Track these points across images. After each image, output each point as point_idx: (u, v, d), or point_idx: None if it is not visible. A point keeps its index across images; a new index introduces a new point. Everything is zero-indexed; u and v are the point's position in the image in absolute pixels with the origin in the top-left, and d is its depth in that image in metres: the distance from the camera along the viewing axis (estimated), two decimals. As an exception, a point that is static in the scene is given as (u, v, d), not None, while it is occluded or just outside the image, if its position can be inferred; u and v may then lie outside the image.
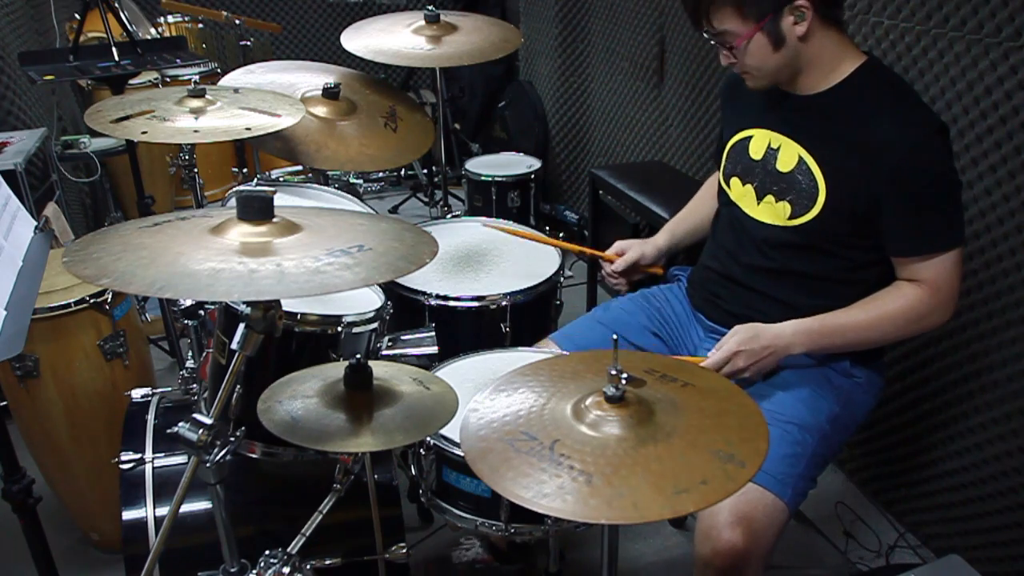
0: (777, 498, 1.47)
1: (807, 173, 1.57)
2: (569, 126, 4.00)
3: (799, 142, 1.59)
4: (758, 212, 1.66)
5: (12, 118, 3.12)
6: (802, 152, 1.58)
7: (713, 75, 2.86)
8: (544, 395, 1.16)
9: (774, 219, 1.63)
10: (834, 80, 1.56)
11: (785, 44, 1.51)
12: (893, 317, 1.54)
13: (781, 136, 1.62)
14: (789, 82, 1.60)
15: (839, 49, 1.55)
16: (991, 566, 1.95)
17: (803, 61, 1.54)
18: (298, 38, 4.98)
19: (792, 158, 1.59)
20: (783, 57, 1.53)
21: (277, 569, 1.45)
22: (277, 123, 1.79)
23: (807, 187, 1.57)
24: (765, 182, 1.64)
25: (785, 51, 1.52)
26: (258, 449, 1.60)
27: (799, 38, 1.51)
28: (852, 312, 1.56)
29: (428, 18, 2.45)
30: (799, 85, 1.59)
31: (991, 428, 1.92)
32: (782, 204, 1.61)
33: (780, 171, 1.61)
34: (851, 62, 1.55)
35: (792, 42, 1.51)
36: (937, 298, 1.52)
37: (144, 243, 1.17)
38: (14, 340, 1.24)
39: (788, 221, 1.60)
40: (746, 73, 1.59)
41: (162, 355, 2.91)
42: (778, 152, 1.62)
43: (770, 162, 1.63)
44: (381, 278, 1.17)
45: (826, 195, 1.55)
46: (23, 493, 1.46)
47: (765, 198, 1.64)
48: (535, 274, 2.05)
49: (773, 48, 1.52)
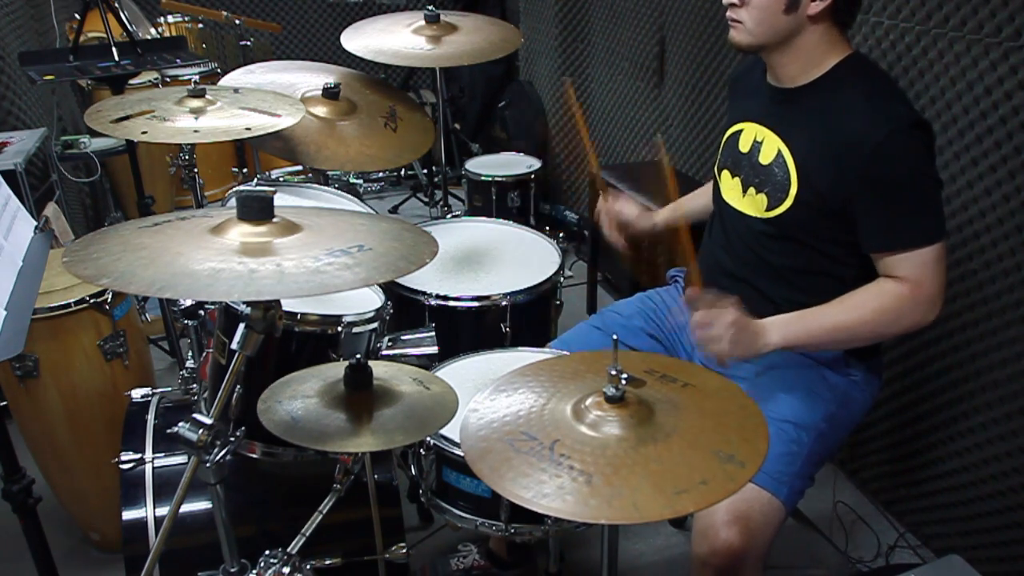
0: (774, 497, 1.47)
1: (782, 165, 1.57)
2: (569, 126, 4.00)
3: (779, 135, 1.59)
4: (743, 204, 1.67)
5: (12, 118, 3.12)
6: (781, 145, 1.58)
7: (713, 75, 2.86)
8: (544, 395, 1.16)
9: (755, 211, 1.63)
10: (815, 74, 1.55)
11: (796, 12, 1.48)
12: (873, 314, 1.50)
13: (765, 129, 1.63)
14: (773, 68, 1.60)
15: (830, 46, 1.54)
16: (991, 566, 1.95)
17: (797, 44, 1.52)
18: (298, 38, 4.98)
19: (772, 151, 1.60)
20: (785, 25, 1.50)
21: (277, 569, 1.45)
22: (277, 123, 1.79)
23: (781, 179, 1.57)
24: (750, 175, 1.65)
25: (791, 20, 1.49)
26: (258, 449, 1.60)
27: (809, 16, 1.49)
28: (831, 309, 1.52)
29: (428, 18, 2.45)
30: (782, 75, 1.59)
31: (991, 428, 1.92)
32: (760, 196, 1.62)
33: (761, 163, 1.62)
34: (835, 57, 1.55)
35: (802, 15, 1.49)
36: (917, 295, 1.48)
37: (144, 243, 1.17)
38: (14, 340, 1.24)
39: (765, 213, 1.61)
40: (738, 22, 1.54)
41: (162, 355, 2.91)
42: (761, 145, 1.63)
43: (754, 155, 1.64)
44: (381, 278, 1.17)
45: (797, 187, 1.55)
46: (23, 493, 1.46)
47: (748, 190, 1.65)
48: (535, 274, 2.05)
49: (784, 8, 1.48)
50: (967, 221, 1.90)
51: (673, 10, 3.04)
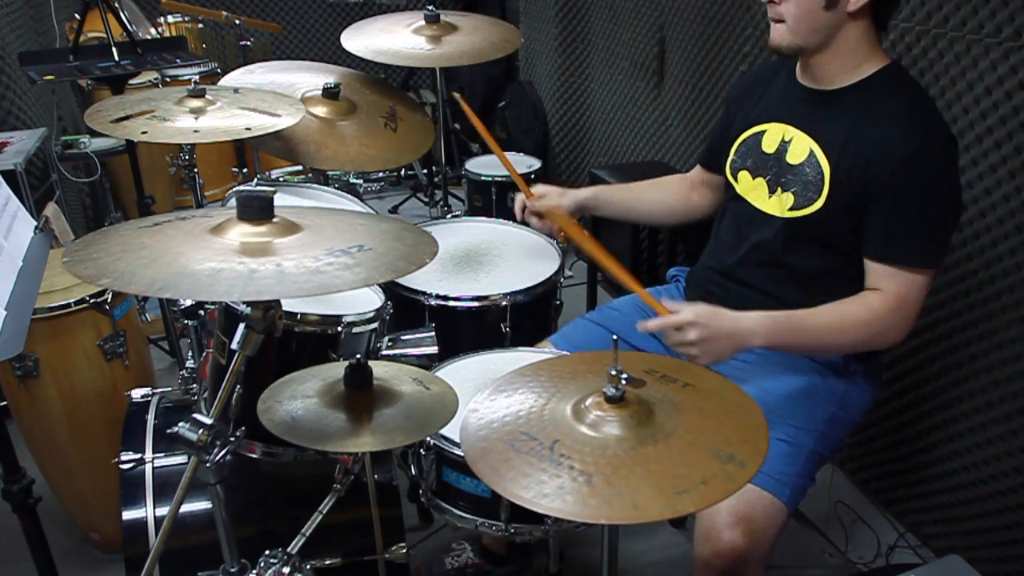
0: (775, 498, 1.47)
1: (815, 166, 1.57)
2: (569, 126, 4.00)
3: (811, 135, 1.59)
4: (768, 205, 1.65)
5: (12, 118, 3.12)
6: (813, 146, 1.58)
7: (713, 75, 2.86)
8: (544, 395, 1.16)
9: (780, 211, 1.63)
10: (854, 78, 1.55)
11: (835, 9, 1.48)
12: (856, 324, 1.51)
13: (794, 129, 1.62)
14: (810, 68, 1.59)
15: (868, 48, 1.54)
16: (991, 566, 1.95)
17: (837, 42, 1.52)
18: (298, 38, 4.99)
19: (803, 151, 1.59)
20: (825, 22, 1.50)
21: (277, 569, 1.45)
22: (277, 123, 1.79)
23: (813, 180, 1.57)
24: (777, 175, 1.64)
25: (830, 17, 1.49)
26: (258, 449, 1.60)
27: (849, 13, 1.48)
28: (818, 312, 1.53)
29: (428, 18, 2.45)
30: (820, 75, 1.58)
31: (991, 428, 1.92)
32: (787, 195, 1.61)
33: (790, 163, 1.61)
34: (874, 63, 1.55)
35: (841, 12, 1.48)
36: (898, 314, 1.50)
37: (144, 243, 1.17)
38: (14, 340, 1.24)
39: (788, 212, 1.60)
40: (780, 21, 1.53)
41: (162, 355, 2.90)
42: (790, 144, 1.62)
43: (782, 155, 1.63)
44: (381, 278, 1.17)
45: (829, 189, 1.54)
46: (23, 493, 1.46)
47: (776, 191, 1.64)
48: (535, 274, 2.05)
49: (825, 5, 1.48)
50: (967, 221, 1.90)
51: (673, 10, 3.04)
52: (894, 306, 1.50)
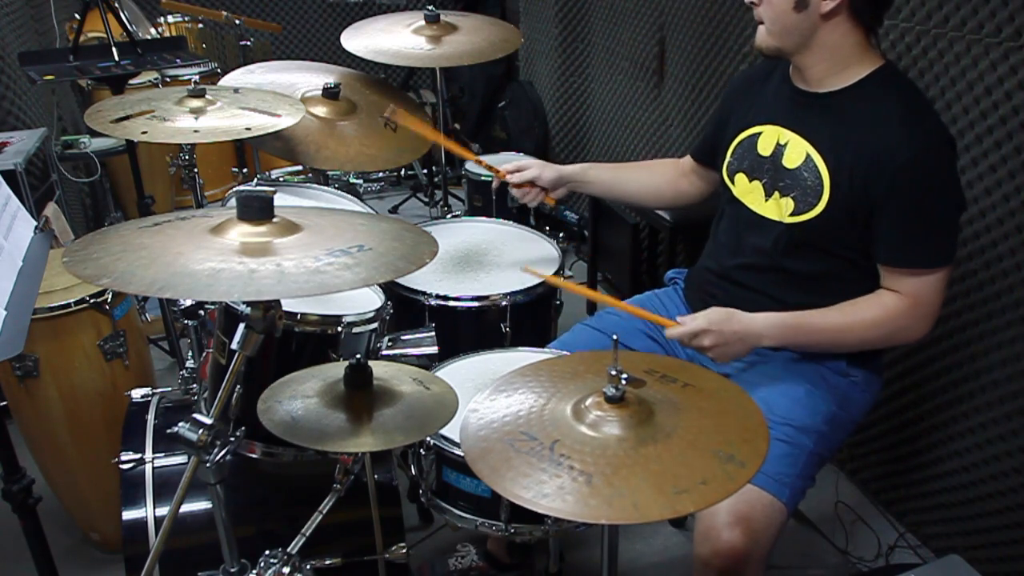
0: (775, 498, 1.47)
1: (813, 171, 1.56)
2: (569, 126, 4.00)
3: (807, 139, 1.59)
4: (765, 208, 1.65)
5: (12, 118, 3.12)
6: (809, 149, 1.58)
7: (713, 75, 2.86)
8: (544, 395, 1.16)
9: (778, 215, 1.63)
10: (848, 80, 1.55)
11: (807, 10, 1.48)
12: (867, 325, 1.54)
13: (790, 132, 1.62)
14: (799, 70, 1.59)
15: (858, 49, 1.54)
16: (991, 566, 1.95)
17: (817, 45, 1.52)
18: (298, 38, 4.98)
19: (799, 155, 1.59)
20: (799, 24, 1.50)
21: (277, 569, 1.45)
22: (277, 123, 1.79)
23: (812, 184, 1.56)
24: (774, 179, 1.63)
25: (803, 18, 1.50)
26: (258, 449, 1.60)
27: (822, 15, 1.49)
28: (828, 313, 1.56)
29: (428, 18, 2.45)
30: (809, 77, 1.58)
31: (991, 428, 1.92)
32: (785, 200, 1.61)
33: (786, 167, 1.61)
34: (868, 65, 1.54)
35: (814, 13, 1.49)
36: (916, 313, 1.52)
37: (144, 243, 1.17)
38: (14, 340, 1.24)
39: (789, 217, 1.60)
40: (761, 23, 1.57)
41: (162, 355, 2.90)
42: (786, 148, 1.62)
43: (778, 158, 1.63)
44: (381, 278, 1.17)
45: (830, 194, 1.54)
46: (23, 493, 1.46)
47: (773, 194, 1.64)
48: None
49: (795, 7, 1.49)
50: (967, 221, 1.90)
51: (673, 10, 3.04)
52: (910, 304, 1.51)
